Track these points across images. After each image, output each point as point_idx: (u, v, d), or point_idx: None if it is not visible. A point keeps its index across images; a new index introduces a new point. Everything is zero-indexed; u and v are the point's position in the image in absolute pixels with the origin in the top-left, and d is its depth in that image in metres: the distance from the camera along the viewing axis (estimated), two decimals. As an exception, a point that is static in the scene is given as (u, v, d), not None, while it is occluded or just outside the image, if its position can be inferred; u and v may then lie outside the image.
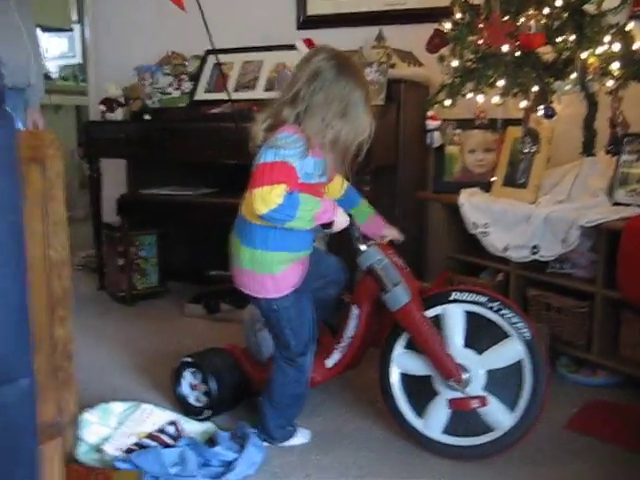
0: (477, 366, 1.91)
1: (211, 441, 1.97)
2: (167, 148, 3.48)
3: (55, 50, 7.13)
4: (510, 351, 1.90)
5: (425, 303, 1.97)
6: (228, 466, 1.82)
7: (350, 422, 2.21)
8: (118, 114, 3.74)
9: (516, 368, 1.90)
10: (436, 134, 3.00)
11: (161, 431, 1.93)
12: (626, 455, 2.00)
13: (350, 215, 1.97)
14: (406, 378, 2.03)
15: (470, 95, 2.75)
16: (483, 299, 1.92)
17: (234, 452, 1.86)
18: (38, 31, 3.68)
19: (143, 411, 2.00)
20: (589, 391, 2.41)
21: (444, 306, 1.96)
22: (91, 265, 4.14)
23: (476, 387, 1.91)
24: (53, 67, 7.02)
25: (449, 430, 1.96)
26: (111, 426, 1.96)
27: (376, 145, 2.97)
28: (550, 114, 2.48)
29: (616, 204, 2.47)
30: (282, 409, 2.02)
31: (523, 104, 2.55)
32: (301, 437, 2.07)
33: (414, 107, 3.26)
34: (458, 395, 1.90)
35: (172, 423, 1.96)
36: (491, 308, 1.91)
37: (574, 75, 2.41)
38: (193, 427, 2.04)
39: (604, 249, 2.36)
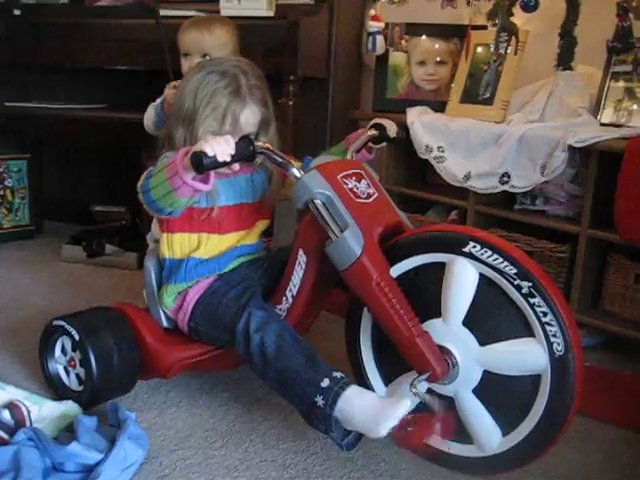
0: (473, 359, 1.30)
1: (71, 430, 1.37)
2: (42, 51, 2.80)
3: None
4: (526, 358, 1.27)
5: (418, 245, 1.37)
6: (90, 472, 1.22)
7: (270, 400, 1.65)
8: (-23, 8, 2.95)
9: (529, 383, 1.27)
10: (379, 38, 2.43)
11: (-9, 419, 1.31)
12: (628, 435, 1.55)
13: (247, 138, 1.39)
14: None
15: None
16: (511, 270, 1.25)
17: (99, 450, 1.25)
18: None
19: (-31, 389, 1.37)
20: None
21: (453, 256, 1.32)
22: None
23: (462, 387, 1.33)
24: None
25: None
26: None
27: (304, 51, 2.45)
28: (533, 5, 1.95)
29: (604, 125, 1.99)
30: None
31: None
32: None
33: (350, 11, 2.69)
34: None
35: (9, 406, 1.34)
36: (519, 288, 1.25)
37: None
38: (46, 409, 1.42)
39: (594, 178, 1.87)
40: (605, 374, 1.84)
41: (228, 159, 1.33)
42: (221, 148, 1.31)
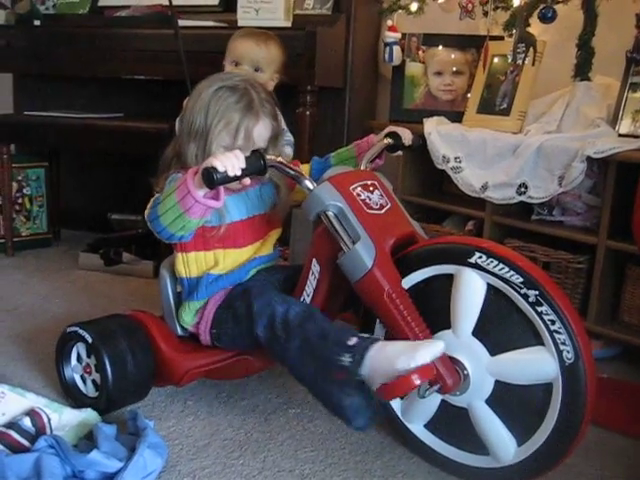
0: (484, 370, 1.29)
1: (91, 438, 1.38)
2: (61, 60, 2.83)
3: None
4: (537, 367, 1.26)
5: (426, 256, 1.37)
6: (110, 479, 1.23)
7: (287, 410, 1.66)
8: (-1, 17, 3.00)
9: (541, 391, 1.26)
10: (396, 48, 2.43)
11: (12, 426, 1.32)
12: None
13: (257, 152, 1.40)
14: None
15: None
16: (518, 279, 1.24)
17: (119, 458, 1.26)
18: None
19: (-10, 395, 1.38)
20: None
21: (460, 268, 1.31)
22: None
23: (475, 398, 1.32)
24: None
25: (433, 426, 1.41)
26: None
27: (321, 61, 2.47)
28: (551, 16, 1.95)
29: (622, 136, 1.98)
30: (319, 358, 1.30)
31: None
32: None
33: (367, 21, 2.71)
34: None
35: (30, 413, 1.35)
36: (526, 297, 1.24)
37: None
38: (66, 417, 1.43)
39: (612, 189, 1.86)
40: (623, 386, 1.83)
41: (239, 173, 1.33)
42: (231, 163, 1.31)
